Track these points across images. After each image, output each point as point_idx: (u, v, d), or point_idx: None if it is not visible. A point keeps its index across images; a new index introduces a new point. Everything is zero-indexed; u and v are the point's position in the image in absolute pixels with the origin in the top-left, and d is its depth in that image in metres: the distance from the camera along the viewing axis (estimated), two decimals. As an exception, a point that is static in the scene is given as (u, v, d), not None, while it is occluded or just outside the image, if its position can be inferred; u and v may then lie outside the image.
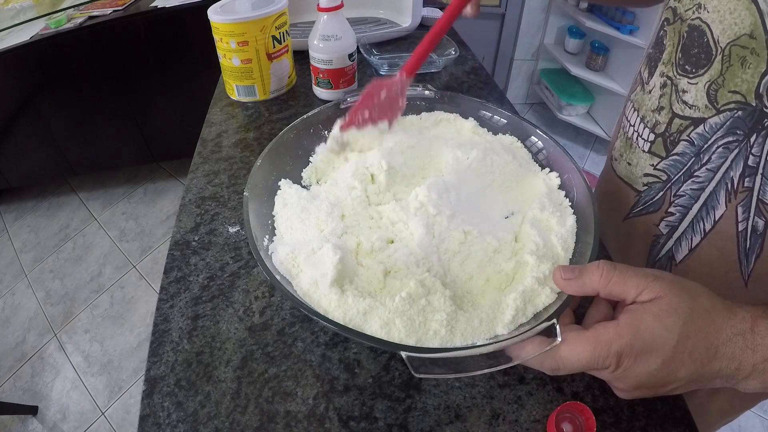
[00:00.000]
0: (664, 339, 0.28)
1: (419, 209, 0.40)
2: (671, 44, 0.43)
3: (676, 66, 0.42)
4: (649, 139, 0.45)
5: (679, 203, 0.44)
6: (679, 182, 0.44)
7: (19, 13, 1.68)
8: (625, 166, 0.50)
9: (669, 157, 0.44)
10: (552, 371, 0.31)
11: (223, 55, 0.69)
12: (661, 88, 0.44)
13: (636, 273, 0.30)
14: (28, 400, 1.41)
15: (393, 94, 0.46)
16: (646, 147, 0.46)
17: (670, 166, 0.44)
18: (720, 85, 0.38)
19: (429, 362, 0.30)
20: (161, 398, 0.38)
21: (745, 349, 0.28)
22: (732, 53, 0.36)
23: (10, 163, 1.87)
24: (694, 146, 0.41)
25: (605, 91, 2.04)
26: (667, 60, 0.43)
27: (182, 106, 1.80)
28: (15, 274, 1.80)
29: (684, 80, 0.41)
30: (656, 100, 0.45)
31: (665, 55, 0.43)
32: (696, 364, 0.29)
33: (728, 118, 0.38)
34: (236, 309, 0.44)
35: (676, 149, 0.43)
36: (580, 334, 0.30)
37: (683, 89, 0.41)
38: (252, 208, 0.40)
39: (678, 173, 0.43)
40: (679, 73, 0.41)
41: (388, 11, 0.93)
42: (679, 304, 0.29)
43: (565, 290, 0.33)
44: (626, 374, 0.29)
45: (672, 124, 0.43)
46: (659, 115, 0.44)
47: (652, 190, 0.47)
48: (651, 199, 0.47)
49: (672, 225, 0.45)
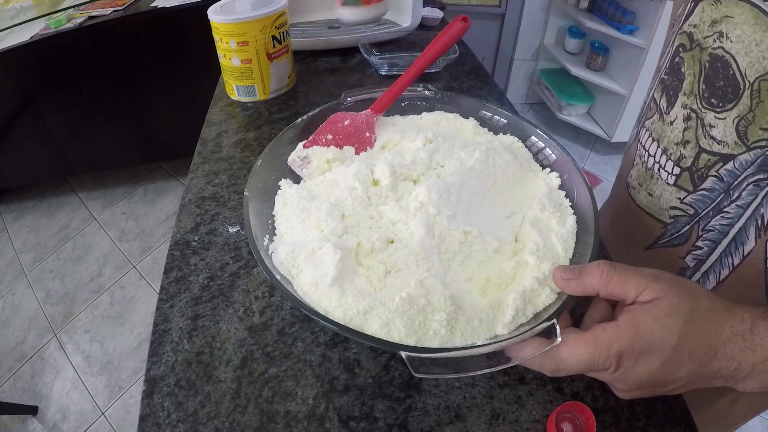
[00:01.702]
0: (663, 340, 0.28)
1: (419, 209, 0.40)
2: (691, 73, 0.41)
3: (700, 99, 0.40)
4: (674, 173, 0.44)
5: (707, 237, 0.43)
6: (707, 217, 0.43)
7: (19, 13, 1.68)
8: (646, 197, 0.49)
9: (696, 192, 0.43)
10: (551, 372, 0.31)
11: (223, 55, 0.69)
12: (684, 121, 0.43)
13: (636, 273, 0.30)
14: (28, 400, 1.41)
15: (359, 124, 0.48)
16: (671, 180, 0.45)
17: (698, 201, 0.43)
18: (750, 121, 0.37)
19: (429, 362, 0.30)
20: (161, 398, 0.38)
21: (744, 349, 0.29)
22: (762, 88, 0.35)
23: (10, 163, 1.87)
24: (724, 182, 0.40)
25: (605, 91, 2.04)
26: (689, 91, 0.42)
27: (182, 106, 1.80)
28: (15, 274, 1.80)
29: (710, 114, 0.40)
30: (680, 132, 0.43)
31: (686, 85, 0.42)
32: (695, 364, 0.29)
33: (759, 156, 0.37)
34: (236, 309, 0.44)
35: (704, 184, 0.42)
36: (580, 336, 0.30)
37: (710, 124, 0.40)
38: (252, 208, 0.40)
39: (706, 208, 0.42)
40: (704, 106, 0.40)
41: (388, 11, 0.93)
42: (679, 304, 0.29)
43: (564, 290, 0.33)
44: (626, 375, 0.29)
45: (699, 159, 0.42)
46: (684, 149, 0.43)
47: (678, 223, 0.46)
48: (677, 232, 0.46)
49: (699, 258, 0.45)
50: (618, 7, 1.86)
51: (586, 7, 2.00)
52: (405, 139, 0.49)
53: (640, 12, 1.81)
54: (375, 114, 0.50)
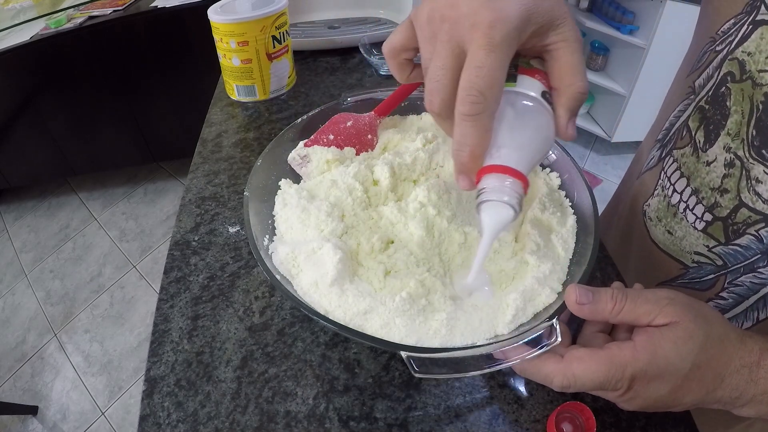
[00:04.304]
0: (677, 367, 0.28)
1: (419, 210, 0.40)
2: (739, 111, 0.36)
3: (748, 146, 0.35)
4: (705, 219, 0.40)
5: (734, 291, 0.40)
6: (737, 272, 0.39)
7: (19, 13, 1.68)
8: (664, 234, 0.45)
9: (729, 245, 0.39)
10: (562, 388, 0.30)
11: (223, 55, 0.69)
12: (726, 167, 0.37)
13: (647, 300, 0.30)
14: (28, 400, 1.41)
15: (362, 126, 0.48)
16: (700, 226, 0.40)
17: (729, 255, 0.39)
18: None
19: (429, 362, 0.30)
20: (161, 398, 0.38)
21: (749, 381, 0.29)
22: None
23: (10, 163, 1.87)
24: (763, 244, 0.36)
25: (605, 91, 2.04)
26: (734, 132, 0.36)
27: (182, 106, 1.80)
28: (15, 274, 1.80)
29: (759, 168, 0.34)
30: (718, 178, 0.38)
31: (731, 124, 0.36)
32: (702, 392, 0.29)
33: None
34: (236, 309, 0.44)
35: (740, 240, 0.38)
36: (595, 353, 0.29)
37: (757, 178, 0.35)
38: (252, 208, 0.40)
39: (738, 264, 0.39)
40: (752, 156, 0.35)
41: (388, 11, 0.93)
42: (695, 331, 0.29)
43: (576, 314, 0.32)
44: (634, 396, 0.29)
45: (737, 214, 0.37)
46: (721, 197, 0.38)
47: (702, 270, 0.42)
48: (699, 278, 0.42)
49: (722, 308, 0.41)
50: (618, 7, 1.86)
51: (586, 7, 2.00)
52: (405, 139, 0.49)
53: (640, 12, 1.81)
54: (378, 117, 0.50)
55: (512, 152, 0.28)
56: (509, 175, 0.27)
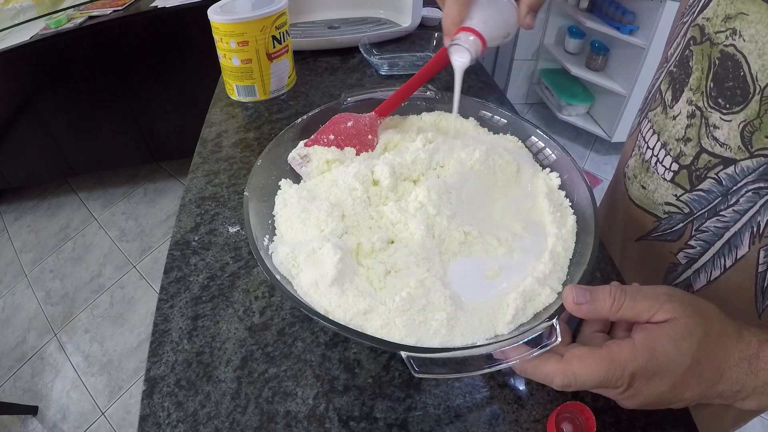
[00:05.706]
0: (677, 363, 0.28)
1: (419, 210, 0.40)
2: (699, 69, 0.40)
3: (707, 97, 0.39)
4: (672, 169, 0.43)
5: (701, 238, 0.43)
6: (702, 218, 0.42)
7: (19, 13, 1.68)
8: (639, 189, 0.48)
9: (693, 191, 0.42)
10: (562, 387, 0.30)
11: (223, 55, 0.69)
12: (688, 118, 0.41)
13: (647, 296, 0.30)
14: (28, 400, 1.41)
15: (362, 126, 0.48)
16: (669, 176, 0.44)
17: (694, 201, 0.42)
18: (756, 127, 0.35)
19: (429, 362, 0.30)
20: (161, 398, 0.38)
21: (749, 373, 0.29)
22: None
23: (10, 163, 1.87)
24: (722, 186, 0.39)
25: (605, 91, 2.04)
26: (695, 87, 0.40)
27: (182, 106, 1.80)
28: (15, 274, 1.80)
29: (716, 115, 0.38)
30: (682, 129, 0.42)
31: (693, 80, 0.40)
32: (702, 387, 0.29)
33: (762, 164, 0.36)
34: (236, 309, 0.44)
35: (702, 185, 0.41)
36: (595, 352, 0.29)
37: (714, 124, 0.38)
38: (252, 208, 0.40)
39: (702, 209, 0.42)
40: (710, 105, 0.38)
41: (388, 11, 0.94)
42: (694, 327, 0.29)
43: (575, 314, 0.32)
44: (634, 394, 0.29)
45: (699, 159, 0.41)
46: (685, 146, 0.42)
47: (672, 219, 0.45)
48: (670, 228, 0.45)
49: (691, 257, 0.44)
50: (618, 7, 1.86)
51: (586, 7, 2.00)
52: (405, 139, 0.49)
53: (640, 12, 1.81)
54: (379, 117, 0.50)
55: (479, 23, 0.40)
56: (473, 34, 0.39)
